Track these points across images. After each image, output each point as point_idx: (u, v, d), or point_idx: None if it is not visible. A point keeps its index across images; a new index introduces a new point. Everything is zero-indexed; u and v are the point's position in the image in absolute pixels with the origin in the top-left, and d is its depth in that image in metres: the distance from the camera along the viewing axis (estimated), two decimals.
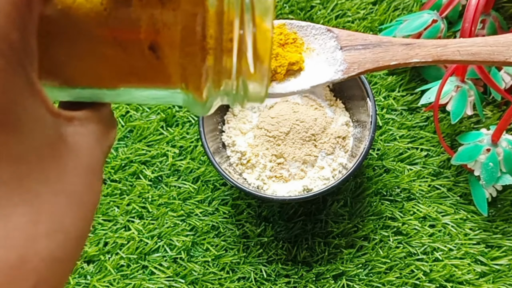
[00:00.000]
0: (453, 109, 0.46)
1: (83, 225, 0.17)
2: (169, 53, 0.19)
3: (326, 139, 0.47)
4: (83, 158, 0.18)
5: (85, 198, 0.17)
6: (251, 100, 0.22)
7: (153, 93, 0.20)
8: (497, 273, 0.46)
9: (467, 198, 0.48)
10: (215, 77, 0.20)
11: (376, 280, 0.46)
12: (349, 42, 0.29)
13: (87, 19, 0.18)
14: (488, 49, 0.29)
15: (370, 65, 0.29)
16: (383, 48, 0.29)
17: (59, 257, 0.16)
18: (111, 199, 0.49)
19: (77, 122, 0.18)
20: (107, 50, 0.19)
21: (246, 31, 0.19)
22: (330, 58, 0.29)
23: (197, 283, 0.47)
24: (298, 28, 0.30)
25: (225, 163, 0.47)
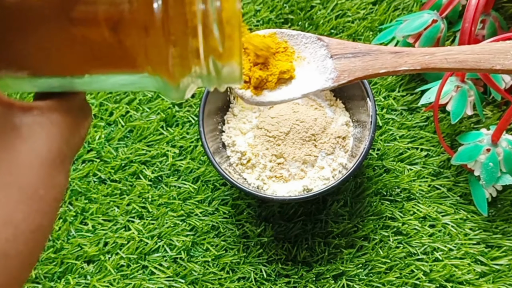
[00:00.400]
0: (453, 109, 0.46)
1: (38, 219, 0.16)
2: (131, 35, 0.18)
3: (326, 139, 0.47)
4: (40, 149, 0.17)
5: (41, 191, 0.16)
6: (227, 82, 0.20)
7: (122, 79, 0.19)
8: (497, 273, 0.46)
9: (467, 198, 0.48)
10: (182, 59, 0.18)
11: (376, 280, 0.46)
12: (339, 51, 0.29)
13: (43, 4, 0.17)
14: (475, 57, 0.29)
15: (360, 73, 0.29)
16: (373, 56, 0.29)
17: (7, 252, 0.15)
18: (111, 199, 0.49)
19: (36, 112, 0.17)
20: (66, 36, 0.18)
21: (209, 5, 0.18)
22: (321, 67, 0.29)
23: (197, 283, 0.47)
24: (289, 37, 0.30)
25: (225, 163, 0.47)
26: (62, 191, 0.17)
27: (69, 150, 0.18)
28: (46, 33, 0.18)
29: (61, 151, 0.18)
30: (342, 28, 0.53)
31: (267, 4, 0.54)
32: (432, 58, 0.29)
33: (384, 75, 0.30)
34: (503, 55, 0.28)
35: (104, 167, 0.50)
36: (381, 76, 0.31)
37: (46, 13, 0.17)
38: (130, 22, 0.17)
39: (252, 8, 0.54)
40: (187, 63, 0.19)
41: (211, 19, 0.18)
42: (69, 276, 0.47)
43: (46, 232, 0.17)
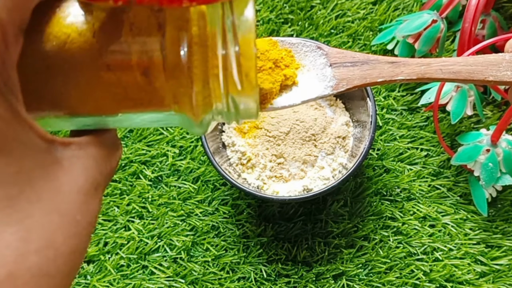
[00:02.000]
0: (453, 109, 0.46)
1: (75, 242, 0.18)
2: (160, 78, 0.20)
3: (326, 139, 0.47)
4: (78, 179, 0.19)
5: (78, 216, 0.18)
6: (245, 117, 0.22)
7: (151, 117, 0.21)
8: (497, 273, 0.46)
9: (467, 198, 0.48)
10: (205, 98, 0.20)
11: (376, 280, 0.46)
12: (338, 60, 0.30)
13: (82, 52, 0.20)
14: (468, 68, 0.30)
15: (358, 81, 0.30)
16: (370, 65, 0.30)
17: (49, 272, 0.17)
18: (111, 199, 0.49)
19: (74, 147, 0.19)
20: (103, 80, 0.20)
21: (230, 50, 0.20)
22: (320, 74, 0.30)
23: (197, 283, 0.47)
24: (289, 45, 0.31)
25: (225, 163, 0.47)
26: (95, 216, 0.20)
27: (102, 179, 0.20)
28: (84, 77, 0.20)
29: (96, 180, 0.20)
30: (342, 28, 0.53)
31: (267, 4, 0.54)
32: (427, 69, 0.30)
33: (381, 84, 0.31)
34: (495, 67, 0.29)
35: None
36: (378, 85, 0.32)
37: (85, 60, 0.20)
38: (160, 67, 0.20)
39: None
40: (209, 101, 0.21)
41: (231, 63, 0.20)
42: None
43: (82, 253, 0.19)
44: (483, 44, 0.43)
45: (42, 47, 0.20)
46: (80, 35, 0.20)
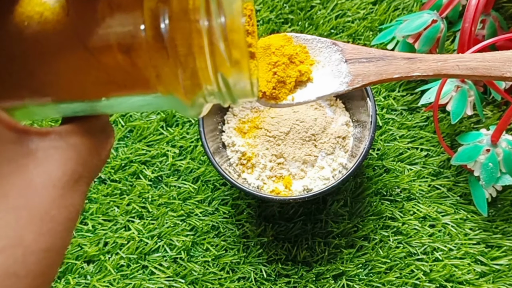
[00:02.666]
0: (453, 109, 0.46)
1: (50, 239, 0.17)
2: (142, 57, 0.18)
3: (326, 139, 0.47)
4: (54, 171, 0.17)
5: (53, 211, 0.17)
6: (240, 97, 0.20)
7: (139, 100, 0.19)
8: (497, 273, 0.46)
9: (467, 198, 0.48)
10: (192, 77, 0.19)
11: (376, 280, 0.46)
12: (354, 55, 0.30)
13: (56, 33, 0.18)
14: (486, 64, 0.30)
15: (374, 77, 0.30)
16: (386, 61, 0.30)
17: (17, 272, 0.16)
18: (111, 199, 0.49)
19: (54, 137, 0.18)
20: (82, 62, 0.18)
21: (214, 22, 0.18)
22: (335, 71, 0.30)
23: (197, 283, 0.47)
24: (304, 41, 0.31)
25: (225, 163, 0.47)
26: (76, 210, 0.18)
27: (86, 171, 0.19)
28: (63, 61, 0.18)
29: (76, 172, 0.18)
30: (342, 28, 0.53)
31: (267, 4, 0.54)
32: (444, 65, 0.30)
33: (397, 80, 0.30)
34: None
35: (104, 167, 0.50)
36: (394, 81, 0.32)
37: (62, 42, 0.18)
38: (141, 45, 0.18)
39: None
40: (197, 81, 0.19)
41: (216, 35, 0.18)
42: (69, 276, 0.47)
43: (59, 251, 0.17)
44: (483, 44, 0.43)
45: (15, 29, 0.18)
46: (53, 14, 0.18)
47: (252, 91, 0.20)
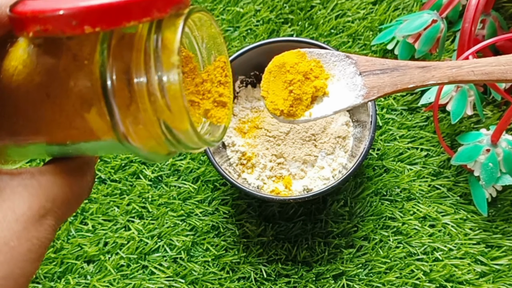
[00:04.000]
0: (453, 109, 0.46)
1: (8, 267, 0.18)
2: (95, 107, 0.20)
3: (326, 139, 0.47)
4: (18, 206, 0.19)
5: (12, 243, 0.19)
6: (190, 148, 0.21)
7: (103, 145, 0.21)
8: (497, 273, 0.46)
9: (467, 198, 0.48)
10: (139, 127, 0.20)
11: (376, 280, 0.46)
12: (368, 68, 0.30)
13: (26, 83, 0.20)
14: (501, 68, 0.29)
15: (389, 88, 0.30)
16: (401, 72, 0.30)
17: None
18: (111, 199, 0.49)
19: (25, 176, 0.20)
20: (46, 109, 0.20)
21: (152, 76, 0.19)
22: (350, 84, 0.30)
23: (197, 283, 0.47)
24: (318, 55, 0.31)
25: (225, 163, 0.47)
26: (40, 243, 0.19)
27: (56, 207, 0.20)
28: (31, 107, 0.20)
29: (43, 208, 0.20)
30: (342, 28, 0.53)
31: (267, 4, 0.54)
32: (459, 71, 0.29)
33: (412, 89, 0.30)
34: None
35: (104, 167, 0.50)
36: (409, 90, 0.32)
37: (30, 90, 0.20)
38: (92, 98, 0.19)
39: (252, 8, 0.54)
40: (143, 129, 0.20)
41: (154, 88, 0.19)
42: (69, 276, 0.47)
43: (19, 279, 0.19)
44: (483, 44, 0.43)
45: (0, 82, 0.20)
46: (25, 67, 0.20)
47: (199, 141, 0.21)
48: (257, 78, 0.50)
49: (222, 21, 0.54)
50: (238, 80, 0.49)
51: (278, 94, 0.30)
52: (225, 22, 0.54)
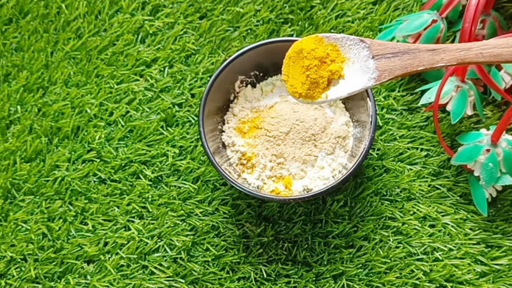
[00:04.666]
0: (453, 109, 0.46)
1: None
2: None
3: (326, 139, 0.47)
4: None
5: None
6: None
7: None
8: (497, 273, 0.46)
9: (467, 198, 0.48)
10: None
11: (376, 280, 0.46)
12: (380, 51, 0.32)
13: None
14: (510, 50, 0.30)
15: (399, 71, 0.31)
16: (411, 55, 0.31)
17: None
18: (111, 199, 0.49)
19: None
20: None
21: None
22: (364, 67, 0.32)
23: (197, 283, 0.47)
24: (334, 40, 0.33)
25: (225, 163, 0.47)
26: None
27: None
28: None
29: None
30: (342, 28, 0.53)
31: (267, 4, 0.54)
32: (467, 53, 0.30)
33: (422, 71, 0.31)
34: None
35: (104, 167, 0.50)
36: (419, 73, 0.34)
37: None
38: None
39: (252, 8, 0.54)
40: None
41: None
42: (69, 276, 0.47)
43: None
44: None
45: None
46: None
47: None
48: (257, 78, 0.50)
49: (222, 21, 0.54)
50: (238, 80, 0.49)
51: (296, 78, 0.33)
52: (225, 22, 0.54)
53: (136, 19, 0.54)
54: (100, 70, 0.53)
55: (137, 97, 0.52)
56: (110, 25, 0.54)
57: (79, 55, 0.54)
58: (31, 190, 0.50)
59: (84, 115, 0.52)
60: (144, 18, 0.54)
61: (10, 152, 0.51)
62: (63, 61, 0.54)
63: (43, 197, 0.50)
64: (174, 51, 0.53)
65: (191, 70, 0.52)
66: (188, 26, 0.54)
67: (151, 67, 0.53)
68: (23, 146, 0.51)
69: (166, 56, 0.53)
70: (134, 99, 0.52)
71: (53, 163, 0.50)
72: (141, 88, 0.52)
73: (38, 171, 0.50)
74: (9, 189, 0.50)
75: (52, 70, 0.53)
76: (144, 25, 0.54)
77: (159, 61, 0.53)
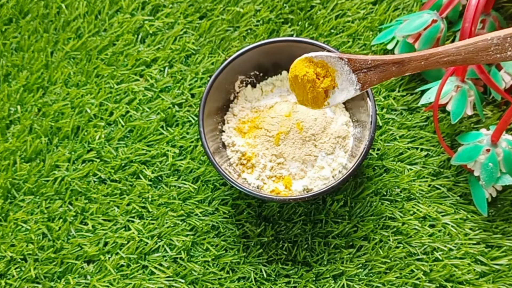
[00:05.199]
0: (453, 109, 0.46)
1: None
2: None
3: (326, 139, 0.47)
4: None
5: None
6: None
7: None
8: (497, 273, 0.46)
9: (467, 198, 0.48)
10: None
11: (376, 280, 0.46)
12: (357, 67, 0.37)
13: None
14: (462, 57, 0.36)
15: (377, 81, 0.38)
16: (381, 68, 0.37)
17: None
18: (111, 199, 0.49)
19: None
20: None
21: None
22: (349, 79, 0.38)
23: (197, 283, 0.47)
24: (321, 57, 0.38)
25: (225, 163, 0.47)
26: None
27: None
28: None
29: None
30: (342, 28, 0.53)
31: (267, 4, 0.54)
32: (427, 62, 0.36)
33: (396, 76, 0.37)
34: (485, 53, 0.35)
35: (104, 167, 0.50)
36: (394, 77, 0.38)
37: None
38: None
39: (252, 8, 0.54)
40: None
41: None
42: (69, 276, 0.47)
43: None
44: None
45: None
46: None
47: None
48: (257, 78, 0.50)
49: (222, 21, 0.54)
50: (238, 80, 0.49)
51: (301, 95, 0.39)
52: (225, 22, 0.54)
53: (136, 19, 0.54)
54: (100, 70, 0.53)
55: (137, 97, 0.52)
56: (110, 25, 0.54)
57: (79, 55, 0.54)
58: (31, 190, 0.50)
59: (84, 115, 0.52)
60: (144, 18, 0.54)
61: (10, 152, 0.51)
62: (63, 61, 0.54)
63: (43, 197, 0.50)
64: (174, 51, 0.53)
65: (191, 70, 0.52)
66: (188, 26, 0.54)
67: (151, 67, 0.53)
68: (23, 146, 0.51)
69: (166, 56, 0.53)
70: (134, 99, 0.52)
71: (53, 163, 0.50)
72: (141, 88, 0.52)
73: (38, 171, 0.50)
74: (9, 189, 0.50)
75: (52, 70, 0.53)
76: (144, 25, 0.54)
77: (159, 61, 0.53)
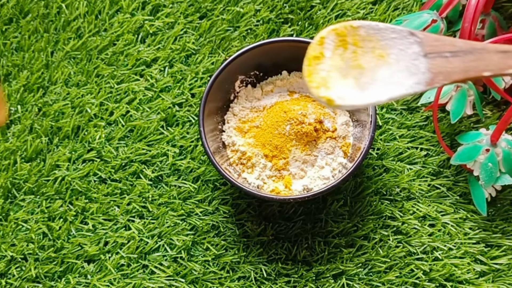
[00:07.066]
0: (452, 109, 0.46)
1: None
2: None
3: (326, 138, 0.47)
4: None
5: None
6: None
7: None
8: (496, 272, 0.46)
9: (467, 198, 0.48)
10: None
11: (376, 280, 0.46)
12: (436, 48, 0.26)
13: None
14: None
15: (459, 75, 0.26)
16: (476, 55, 0.26)
17: None
18: (111, 198, 0.49)
19: None
20: None
21: None
22: (411, 66, 0.26)
23: (197, 282, 0.47)
24: (375, 31, 0.27)
25: (225, 163, 0.47)
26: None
27: None
28: None
29: None
30: None
31: (267, 4, 0.54)
32: None
33: (487, 78, 0.26)
34: None
35: (105, 166, 0.50)
36: (483, 79, 0.28)
37: None
38: None
39: (252, 8, 0.54)
40: None
41: None
42: (70, 275, 0.47)
43: None
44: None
45: None
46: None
47: None
48: (257, 78, 0.50)
49: (222, 21, 0.54)
50: (238, 80, 0.49)
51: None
52: (225, 22, 0.54)
53: (136, 19, 0.54)
54: (100, 70, 0.53)
55: (137, 97, 0.52)
56: (110, 25, 0.54)
57: (79, 55, 0.54)
58: (32, 190, 0.50)
59: (84, 115, 0.52)
60: (144, 18, 0.54)
61: (10, 152, 0.51)
62: (63, 61, 0.54)
63: (43, 197, 0.50)
64: (174, 51, 0.53)
65: (191, 70, 0.53)
66: (188, 26, 0.54)
67: (151, 67, 0.53)
68: (24, 146, 0.51)
69: (166, 56, 0.53)
70: (134, 99, 0.52)
71: (53, 162, 0.50)
72: (141, 88, 0.52)
73: (38, 171, 0.50)
74: (9, 189, 0.50)
75: (53, 70, 0.53)
76: (144, 25, 0.54)
77: (159, 61, 0.53)
